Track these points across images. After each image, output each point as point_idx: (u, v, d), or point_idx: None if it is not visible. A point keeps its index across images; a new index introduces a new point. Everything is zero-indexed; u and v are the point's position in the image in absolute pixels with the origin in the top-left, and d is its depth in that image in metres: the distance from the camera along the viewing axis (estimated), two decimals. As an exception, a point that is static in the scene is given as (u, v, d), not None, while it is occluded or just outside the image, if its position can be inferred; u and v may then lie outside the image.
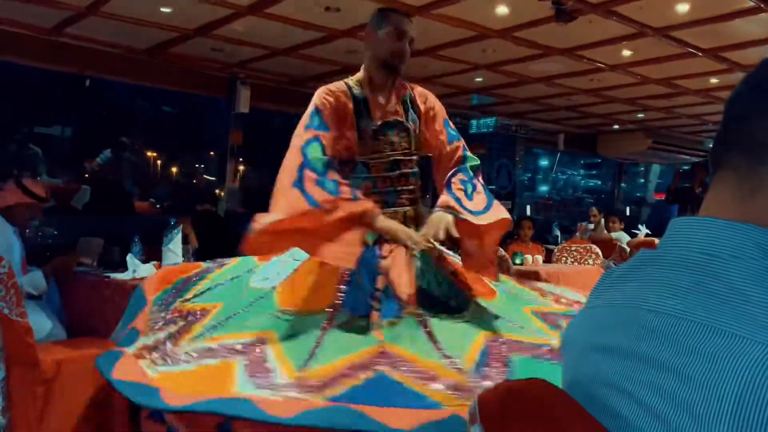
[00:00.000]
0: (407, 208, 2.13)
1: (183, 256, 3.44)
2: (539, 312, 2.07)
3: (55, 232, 3.67)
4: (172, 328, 1.94)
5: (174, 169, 14.03)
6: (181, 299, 2.11)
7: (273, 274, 2.09)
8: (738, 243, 0.56)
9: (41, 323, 2.90)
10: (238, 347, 1.75)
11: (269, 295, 1.98)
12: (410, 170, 2.15)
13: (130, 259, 3.25)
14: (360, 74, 2.18)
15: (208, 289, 2.14)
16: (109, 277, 3.19)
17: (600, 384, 0.61)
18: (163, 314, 2.05)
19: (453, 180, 2.17)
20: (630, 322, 0.60)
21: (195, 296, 2.11)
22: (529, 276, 4.97)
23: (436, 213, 2.05)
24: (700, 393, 0.50)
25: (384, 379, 1.58)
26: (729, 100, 0.63)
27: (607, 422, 0.58)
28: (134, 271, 3.20)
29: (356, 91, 2.13)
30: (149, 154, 14.52)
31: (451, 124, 2.29)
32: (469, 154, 2.25)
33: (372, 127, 2.10)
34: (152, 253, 3.46)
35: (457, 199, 2.09)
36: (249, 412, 1.48)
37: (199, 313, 1.99)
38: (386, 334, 1.75)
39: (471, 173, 2.20)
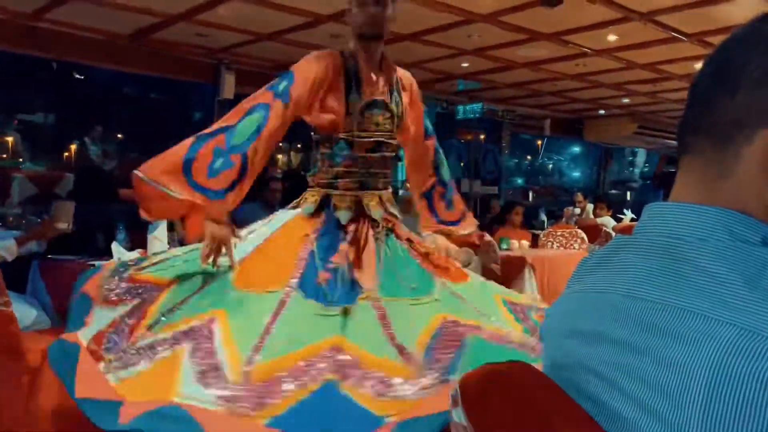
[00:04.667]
0: (383, 191, 2.09)
1: (169, 243, 3.42)
2: (509, 301, 2.05)
3: (39, 220, 3.64)
4: (125, 307, 1.86)
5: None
6: (136, 267, 2.04)
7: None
8: (705, 226, 0.57)
9: (26, 312, 2.88)
10: (185, 329, 1.70)
11: (226, 274, 1.90)
12: (390, 154, 2.12)
13: (116, 247, 3.23)
14: (352, 46, 2.08)
15: (164, 260, 2.06)
16: (94, 265, 3.17)
17: (577, 369, 0.62)
18: (116, 280, 1.97)
19: (434, 192, 2.32)
20: (604, 308, 0.60)
21: (150, 266, 2.03)
22: (515, 261, 4.99)
23: (431, 237, 2.23)
24: (673, 374, 0.50)
25: (331, 393, 1.53)
26: (693, 81, 0.63)
27: (585, 406, 0.59)
28: (119, 259, 3.18)
29: (350, 63, 2.04)
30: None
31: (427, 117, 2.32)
32: (440, 155, 2.35)
33: (360, 103, 2.02)
34: (137, 241, 3.45)
35: (437, 216, 2.32)
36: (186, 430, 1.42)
37: (151, 287, 1.91)
38: (339, 324, 1.70)
39: (450, 186, 2.36)
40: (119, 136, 14.04)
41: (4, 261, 2.89)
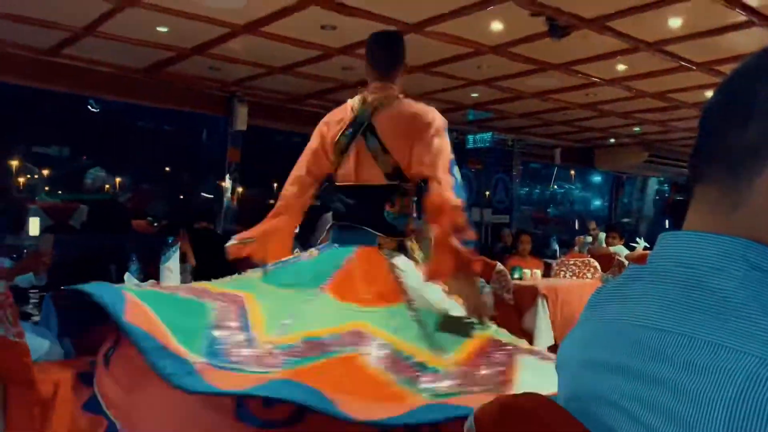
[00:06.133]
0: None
1: (181, 274, 3.43)
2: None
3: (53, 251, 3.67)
4: None
5: (172, 187, 14.06)
6: None
7: None
8: (721, 255, 0.56)
9: (38, 343, 2.89)
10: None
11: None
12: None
13: (128, 278, 3.24)
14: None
15: None
16: (106, 295, 3.18)
17: (594, 400, 0.61)
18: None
19: None
20: (620, 338, 0.60)
21: None
22: (527, 291, 4.96)
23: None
24: (692, 406, 0.50)
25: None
26: (704, 111, 0.63)
27: (603, 437, 0.58)
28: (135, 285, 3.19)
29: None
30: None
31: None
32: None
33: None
34: (150, 272, 3.46)
35: None
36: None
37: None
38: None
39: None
40: (133, 167, 14.22)
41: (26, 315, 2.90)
